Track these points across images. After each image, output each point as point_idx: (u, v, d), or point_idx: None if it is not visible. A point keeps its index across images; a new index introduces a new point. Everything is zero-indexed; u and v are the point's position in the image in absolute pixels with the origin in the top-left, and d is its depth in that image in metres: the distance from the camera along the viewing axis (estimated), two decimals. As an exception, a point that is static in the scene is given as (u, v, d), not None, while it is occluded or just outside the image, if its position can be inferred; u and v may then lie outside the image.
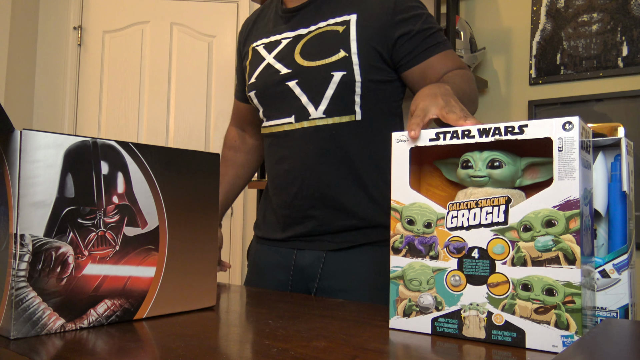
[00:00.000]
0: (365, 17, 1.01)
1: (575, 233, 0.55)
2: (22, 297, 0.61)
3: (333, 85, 0.99)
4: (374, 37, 0.99)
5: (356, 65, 0.98)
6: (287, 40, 1.06)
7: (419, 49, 1.00)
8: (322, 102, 1.00)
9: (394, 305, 0.67)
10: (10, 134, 0.62)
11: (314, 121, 1.01)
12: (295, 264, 1.06)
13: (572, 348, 0.41)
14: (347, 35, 1.00)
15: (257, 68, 1.09)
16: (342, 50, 0.99)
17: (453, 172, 0.71)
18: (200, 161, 0.80)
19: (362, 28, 1.00)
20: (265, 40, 1.11)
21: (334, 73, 0.99)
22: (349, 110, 1.00)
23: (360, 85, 0.99)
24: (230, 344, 0.61)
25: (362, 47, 0.99)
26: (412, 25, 0.99)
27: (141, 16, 2.68)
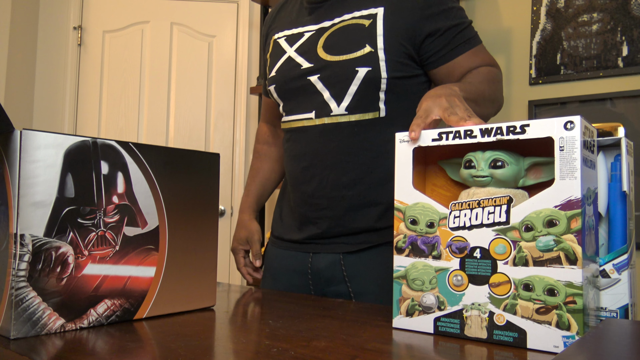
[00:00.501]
0: (393, 11, 0.97)
1: (577, 233, 0.55)
2: (22, 297, 0.61)
3: (357, 82, 0.96)
4: (402, 32, 0.96)
5: (382, 61, 0.95)
6: (309, 33, 1.03)
7: (447, 47, 0.98)
8: (345, 98, 0.97)
9: (397, 305, 0.67)
10: (10, 134, 0.62)
11: (335, 117, 0.98)
12: (312, 268, 1.03)
13: (572, 348, 0.41)
14: (373, 29, 0.97)
15: (278, 61, 1.06)
16: (367, 45, 0.96)
17: (457, 172, 0.71)
18: (200, 161, 0.80)
19: (389, 22, 0.96)
20: (287, 33, 1.08)
21: (358, 69, 0.96)
22: (373, 107, 0.97)
23: (386, 81, 0.96)
24: (230, 344, 0.61)
25: (389, 43, 0.96)
26: (442, 21, 0.96)
27: (141, 16, 2.67)
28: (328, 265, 1.01)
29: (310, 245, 1.04)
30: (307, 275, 1.04)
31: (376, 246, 0.99)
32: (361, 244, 0.99)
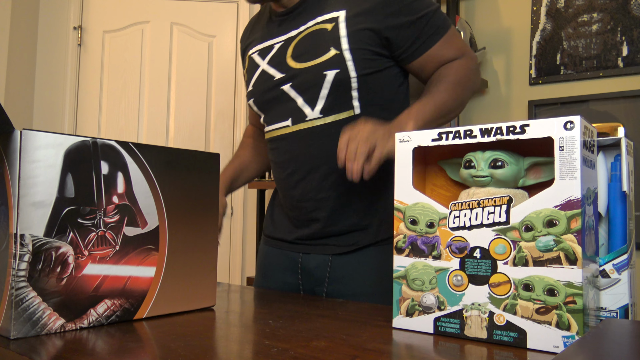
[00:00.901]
0: (354, 12, 0.98)
1: (577, 233, 0.55)
2: (22, 297, 0.61)
3: (327, 85, 0.97)
4: (365, 31, 0.97)
5: (349, 61, 0.96)
6: (279, 44, 1.05)
7: (416, 42, 0.98)
8: (318, 102, 0.99)
9: (397, 305, 0.67)
10: (10, 134, 0.62)
11: (310, 122, 1.00)
12: (302, 267, 1.05)
13: (572, 348, 0.41)
14: (336, 32, 0.98)
15: (253, 76, 1.09)
16: (332, 49, 0.97)
17: (457, 172, 0.71)
18: (200, 161, 0.80)
19: (352, 24, 0.97)
20: (259, 47, 1.10)
21: (326, 72, 0.97)
22: (346, 106, 0.99)
23: (357, 80, 0.97)
24: (230, 344, 0.61)
25: (354, 43, 0.97)
26: (404, 16, 0.97)
27: (141, 16, 2.67)
28: (317, 266, 1.03)
29: (300, 245, 1.06)
30: (298, 274, 1.06)
31: (366, 247, 1.00)
32: (351, 246, 1.01)
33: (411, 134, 0.68)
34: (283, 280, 1.08)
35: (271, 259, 1.11)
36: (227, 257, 2.67)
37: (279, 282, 1.08)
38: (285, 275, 1.07)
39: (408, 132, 0.68)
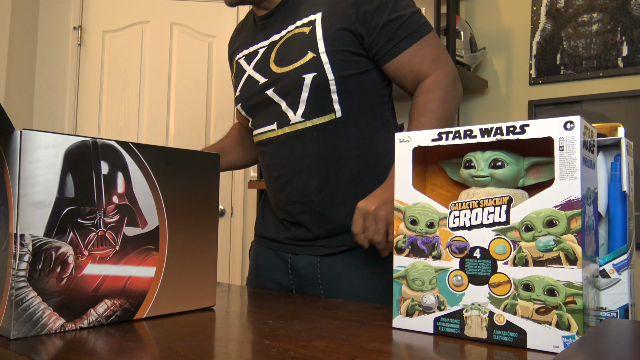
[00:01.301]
0: (330, 14, 0.97)
1: (577, 233, 0.55)
2: (22, 297, 0.61)
3: (306, 88, 0.97)
4: (341, 32, 0.96)
5: (327, 64, 0.96)
6: (263, 49, 1.06)
7: (388, 44, 0.96)
8: (299, 106, 0.99)
9: (397, 305, 0.67)
10: (10, 134, 0.62)
11: (294, 126, 1.00)
12: (292, 267, 1.06)
13: (572, 348, 0.41)
14: (313, 35, 0.97)
15: (240, 81, 1.10)
16: (309, 52, 0.97)
17: (457, 172, 0.71)
18: (200, 161, 0.80)
19: (327, 26, 0.97)
20: (245, 52, 1.11)
21: (304, 76, 0.97)
22: (327, 109, 0.98)
23: (335, 82, 0.97)
24: (230, 344, 0.61)
25: (330, 45, 0.96)
26: (377, 18, 0.95)
27: (141, 16, 2.67)
28: (306, 266, 1.03)
29: (289, 246, 1.06)
30: (288, 274, 1.06)
31: (354, 248, 1.00)
32: (339, 247, 1.01)
33: (411, 134, 0.68)
34: (274, 280, 1.08)
35: (262, 259, 1.12)
36: (227, 257, 2.67)
37: (270, 281, 1.09)
38: (276, 275, 1.08)
39: (408, 132, 0.68)
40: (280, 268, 1.07)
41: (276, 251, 1.09)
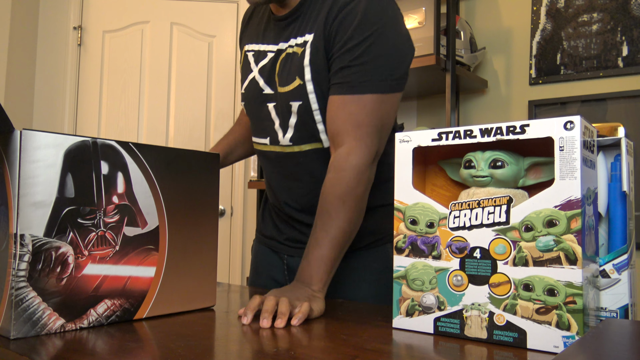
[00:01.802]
0: (317, 38, 0.91)
1: (577, 233, 0.55)
2: (22, 297, 0.61)
3: (294, 115, 0.95)
4: (324, 61, 0.90)
5: (311, 93, 0.91)
6: (271, 54, 1.00)
7: (331, 80, 0.89)
8: (288, 130, 0.97)
9: (397, 305, 0.67)
10: (10, 134, 0.62)
11: (283, 147, 0.99)
12: (287, 267, 1.06)
13: (572, 348, 0.41)
14: (302, 59, 0.92)
15: (246, 78, 1.05)
16: (297, 78, 0.92)
17: (457, 173, 0.71)
18: (200, 161, 0.80)
19: (314, 52, 0.91)
20: (255, 47, 1.04)
21: (292, 103, 0.94)
22: (314, 138, 0.95)
23: (320, 112, 0.92)
24: (230, 344, 0.61)
25: (316, 72, 0.91)
26: (345, 57, 0.87)
27: (141, 16, 2.67)
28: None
29: (285, 247, 1.07)
30: (284, 273, 1.07)
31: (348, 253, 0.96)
32: None
33: (411, 134, 0.68)
34: (272, 278, 1.09)
35: (262, 257, 1.13)
36: (227, 257, 2.67)
37: (268, 279, 1.10)
38: (274, 273, 1.09)
39: (408, 132, 0.68)
40: (278, 266, 1.08)
41: (274, 250, 1.10)
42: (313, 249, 0.83)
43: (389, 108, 0.89)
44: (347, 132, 0.86)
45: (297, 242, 1.04)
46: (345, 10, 0.88)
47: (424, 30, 1.87)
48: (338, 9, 0.89)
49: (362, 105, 0.86)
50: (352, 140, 0.86)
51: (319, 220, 0.85)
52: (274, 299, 0.72)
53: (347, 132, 0.86)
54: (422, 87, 2.11)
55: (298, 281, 0.82)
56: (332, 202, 0.84)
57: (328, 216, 0.84)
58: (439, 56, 1.82)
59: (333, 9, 0.89)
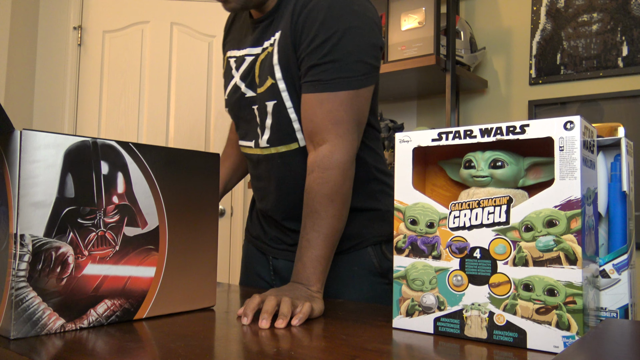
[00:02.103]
0: (284, 36, 0.90)
1: (577, 233, 0.55)
2: (22, 297, 0.61)
3: (270, 115, 0.94)
4: (293, 58, 0.89)
5: (284, 91, 0.91)
6: (250, 57, 0.99)
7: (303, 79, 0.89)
8: (265, 131, 0.96)
9: (397, 305, 0.67)
10: (10, 134, 0.62)
11: (262, 149, 0.98)
12: (273, 268, 1.07)
13: (572, 348, 0.41)
14: (272, 58, 0.92)
15: (229, 84, 1.04)
16: (269, 77, 0.92)
17: (457, 173, 0.71)
18: (200, 161, 0.80)
19: (281, 50, 0.90)
20: (236, 53, 1.04)
21: (267, 103, 0.94)
22: (290, 138, 0.94)
23: (294, 110, 0.92)
24: (230, 344, 0.61)
25: (285, 71, 0.90)
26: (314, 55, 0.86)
27: (141, 16, 2.67)
28: (286, 269, 1.04)
29: (270, 248, 1.07)
30: (271, 273, 1.07)
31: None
32: None
33: (411, 134, 0.68)
34: (261, 277, 1.09)
35: (251, 256, 1.13)
36: (227, 257, 2.67)
37: (257, 278, 1.10)
38: (262, 273, 1.09)
39: (408, 132, 0.68)
40: (265, 266, 1.09)
41: (261, 250, 1.10)
42: (306, 250, 0.83)
43: (364, 102, 0.89)
44: (328, 130, 0.85)
45: (281, 243, 1.05)
46: (309, 5, 0.87)
47: (424, 30, 1.87)
48: (302, 4, 0.88)
49: (338, 101, 0.86)
50: (334, 137, 0.85)
51: (308, 220, 0.84)
52: (274, 299, 0.72)
53: (327, 130, 0.86)
54: (422, 87, 2.11)
55: (295, 282, 0.82)
56: (320, 202, 0.84)
57: (317, 216, 0.84)
58: (439, 56, 1.82)
59: (297, 5, 0.89)
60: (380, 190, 1.03)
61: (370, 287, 0.99)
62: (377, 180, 1.03)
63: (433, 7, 1.86)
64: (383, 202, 1.03)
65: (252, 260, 1.12)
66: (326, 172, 0.85)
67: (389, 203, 1.04)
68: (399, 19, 1.93)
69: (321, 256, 0.82)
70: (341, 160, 0.85)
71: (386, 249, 1.02)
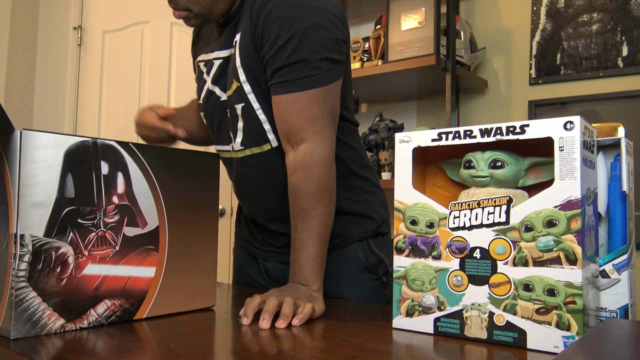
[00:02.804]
0: (244, 37, 0.89)
1: (577, 233, 0.55)
2: (22, 297, 0.61)
3: (240, 118, 0.93)
4: (256, 60, 0.89)
5: (250, 93, 0.91)
6: (218, 61, 0.97)
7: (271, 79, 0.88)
8: (237, 133, 0.95)
9: (397, 305, 0.67)
10: (10, 134, 0.62)
11: (236, 153, 0.98)
12: (264, 269, 1.06)
13: (572, 348, 0.41)
14: (234, 61, 0.91)
15: (202, 90, 1.02)
16: (234, 80, 0.91)
17: (457, 173, 0.71)
18: (200, 161, 0.80)
19: (243, 52, 0.90)
20: (204, 57, 1.02)
21: (235, 106, 0.93)
22: (262, 139, 0.94)
23: (263, 112, 0.91)
24: (230, 344, 0.61)
25: (249, 73, 0.90)
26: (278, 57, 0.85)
27: (141, 16, 2.67)
28: (276, 270, 1.04)
29: (259, 250, 1.06)
30: (263, 275, 1.07)
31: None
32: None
33: (411, 134, 0.68)
34: (253, 278, 1.09)
35: (241, 259, 1.13)
36: (227, 257, 2.67)
37: (249, 280, 1.10)
38: (254, 275, 1.09)
39: (408, 133, 0.68)
40: (256, 269, 1.08)
41: (250, 253, 1.10)
42: (300, 250, 0.83)
43: (335, 95, 0.89)
44: (304, 128, 0.85)
45: (269, 245, 1.04)
46: (267, 7, 0.87)
47: (424, 30, 1.87)
48: (259, 6, 0.88)
49: (310, 99, 0.85)
50: (311, 135, 0.85)
51: (298, 220, 0.84)
52: (276, 300, 0.72)
53: (303, 128, 0.85)
54: (422, 87, 2.11)
55: (295, 282, 0.82)
56: (308, 200, 0.84)
57: (307, 215, 0.84)
58: (439, 56, 1.82)
59: (254, 6, 0.88)
60: (359, 186, 1.01)
61: (358, 283, 0.99)
62: (355, 175, 1.01)
63: (433, 7, 1.86)
64: (365, 197, 1.01)
65: (243, 263, 1.12)
66: (310, 170, 0.84)
67: (371, 199, 1.02)
68: (399, 19, 1.93)
69: (317, 255, 0.82)
70: (323, 157, 0.85)
71: (373, 244, 1.01)
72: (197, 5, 0.89)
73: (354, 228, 1.00)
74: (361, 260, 0.99)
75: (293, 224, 0.85)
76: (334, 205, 0.87)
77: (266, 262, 1.06)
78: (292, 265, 0.83)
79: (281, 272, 1.04)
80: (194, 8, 0.90)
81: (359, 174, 1.02)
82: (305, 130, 0.85)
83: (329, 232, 0.86)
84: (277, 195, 0.96)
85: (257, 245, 1.07)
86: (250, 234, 1.08)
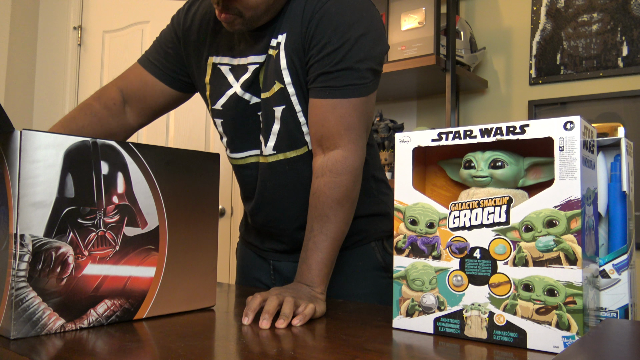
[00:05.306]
0: (291, 39, 0.89)
1: (577, 233, 0.55)
2: (22, 297, 0.61)
3: (277, 121, 0.92)
4: (301, 62, 0.88)
5: (293, 96, 0.90)
6: (253, 66, 0.94)
7: (313, 82, 0.88)
8: (270, 137, 0.93)
9: (397, 305, 0.67)
10: (10, 134, 0.62)
11: (267, 157, 0.95)
12: (275, 270, 1.06)
13: (572, 348, 0.41)
14: (278, 62, 0.90)
15: (223, 95, 0.97)
16: (277, 82, 0.90)
17: (457, 173, 0.71)
18: (200, 161, 0.80)
19: (289, 54, 0.89)
20: (232, 62, 0.97)
21: (275, 108, 0.91)
22: (299, 143, 0.93)
23: (304, 115, 0.91)
24: (230, 344, 0.61)
25: (294, 76, 0.89)
26: (326, 62, 0.86)
27: (141, 16, 2.67)
28: (288, 270, 1.04)
29: (270, 253, 1.06)
30: (270, 275, 1.06)
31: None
32: None
33: (411, 134, 0.68)
34: (259, 279, 1.09)
35: (247, 259, 1.12)
36: (227, 257, 2.67)
37: (255, 280, 1.10)
38: (260, 275, 1.09)
39: (408, 133, 0.68)
40: (264, 269, 1.08)
41: (260, 255, 1.09)
42: (312, 252, 0.83)
43: (372, 107, 0.91)
44: (340, 135, 0.86)
45: (282, 253, 1.04)
46: (320, 11, 0.87)
47: (424, 30, 1.87)
48: (312, 10, 0.88)
49: (351, 107, 0.86)
50: (347, 142, 0.86)
51: (315, 223, 0.85)
52: (276, 300, 0.72)
53: (339, 135, 0.86)
54: (422, 87, 2.11)
55: (299, 282, 0.82)
56: (331, 206, 0.84)
57: (327, 219, 0.84)
58: (439, 56, 1.82)
59: (307, 10, 0.88)
60: (377, 188, 1.04)
61: (374, 281, 1.00)
62: (374, 178, 1.03)
63: (433, 7, 1.86)
64: (381, 198, 1.04)
65: (250, 264, 1.11)
66: (339, 177, 0.85)
67: (387, 200, 1.05)
68: (399, 19, 1.93)
69: (327, 259, 0.83)
70: (354, 166, 0.86)
71: (387, 245, 1.03)
72: (251, 12, 0.87)
73: (373, 227, 1.01)
74: (379, 259, 1.01)
75: (309, 225, 0.85)
76: (352, 215, 0.88)
77: (278, 262, 1.05)
78: (301, 266, 0.83)
79: (292, 270, 1.02)
80: (247, 14, 0.87)
81: (377, 177, 1.04)
82: (341, 137, 0.86)
83: (343, 238, 0.87)
84: (300, 207, 0.95)
85: (267, 250, 1.06)
86: (260, 241, 1.07)
